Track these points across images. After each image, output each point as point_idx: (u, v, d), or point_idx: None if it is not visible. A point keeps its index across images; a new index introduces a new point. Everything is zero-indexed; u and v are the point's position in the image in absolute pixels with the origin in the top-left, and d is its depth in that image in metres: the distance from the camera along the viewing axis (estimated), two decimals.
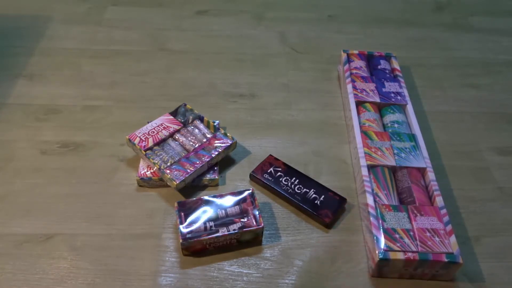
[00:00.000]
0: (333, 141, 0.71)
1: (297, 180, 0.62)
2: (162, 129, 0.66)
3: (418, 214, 0.55)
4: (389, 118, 0.69)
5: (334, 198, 0.60)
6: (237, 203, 0.58)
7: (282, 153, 0.68)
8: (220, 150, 0.64)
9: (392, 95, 0.72)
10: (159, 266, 0.54)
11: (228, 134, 0.66)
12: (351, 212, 0.61)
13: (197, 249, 0.55)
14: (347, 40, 0.91)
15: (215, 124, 0.68)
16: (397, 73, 0.77)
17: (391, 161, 0.61)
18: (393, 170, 0.62)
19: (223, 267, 0.55)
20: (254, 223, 0.56)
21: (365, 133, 0.65)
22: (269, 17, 0.96)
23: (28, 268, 0.54)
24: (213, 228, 0.55)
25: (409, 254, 0.51)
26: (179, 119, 0.68)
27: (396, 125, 0.68)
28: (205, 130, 0.67)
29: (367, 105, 0.71)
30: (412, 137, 0.65)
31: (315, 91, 0.80)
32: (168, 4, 0.98)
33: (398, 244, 0.52)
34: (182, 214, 0.56)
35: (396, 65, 0.78)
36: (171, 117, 0.68)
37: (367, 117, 0.69)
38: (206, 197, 0.58)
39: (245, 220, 0.56)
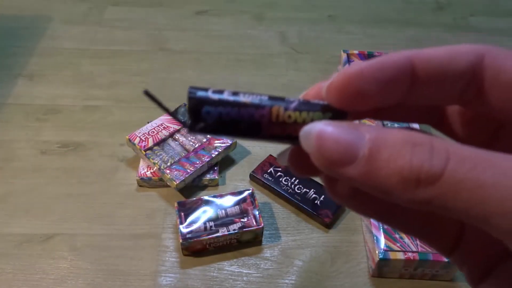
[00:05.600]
0: None
1: (297, 180, 0.62)
2: (162, 129, 0.66)
3: None
4: None
5: None
6: (237, 203, 0.58)
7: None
8: (220, 150, 0.64)
9: None
10: (159, 266, 0.54)
11: None
12: (351, 212, 0.61)
13: (197, 249, 0.55)
14: (347, 40, 0.91)
15: None
16: None
17: None
18: None
19: (223, 267, 0.55)
20: (254, 223, 0.56)
21: None
22: (269, 17, 0.96)
23: (28, 268, 0.54)
24: (213, 228, 0.55)
25: (409, 254, 0.51)
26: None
27: (395, 125, 0.68)
28: None
29: None
30: None
31: None
32: (168, 4, 0.98)
33: (398, 244, 0.52)
34: (182, 214, 0.56)
35: None
36: (171, 117, 0.68)
37: None
38: (206, 197, 0.58)
39: (245, 220, 0.56)
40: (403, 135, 0.14)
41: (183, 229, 0.55)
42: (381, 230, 0.53)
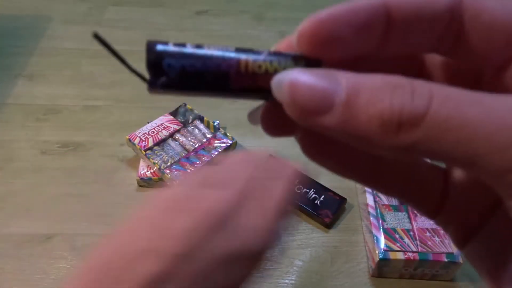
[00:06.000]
0: None
1: (297, 180, 0.62)
2: (162, 129, 0.66)
3: (418, 214, 0.55)
4: None
5: (334, 198, 0.60)
6: None
7: (282, 153, 0.68)
8: (220, 150, 0.64)
9: None
10: None
11: (228, 134, 0.66)
12: (351, 212, 0.61)
13: None
14: None
15: (215, 124, 0.68)
16: None
17: None
18: None
19: None
20: None
21: None
22: (269, 17, 0.96)
23: (28, 268, 0.54)
24: None
25: (409, 254, 0.51)
26: (179, 119, 0.68)
27: None
28: (205, 130, 0.67)
29: None
30: None
31: None
32: (168, 4, 0.98)
33: (398, 244, 0.52)
34: None
35: None
36: (171, 117, 0.68)
37: None
38: None
39: None
40: (382, 78, 0.14)
41: None
42: (381, 230, 0.53)
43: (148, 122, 0.68)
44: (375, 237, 0.53)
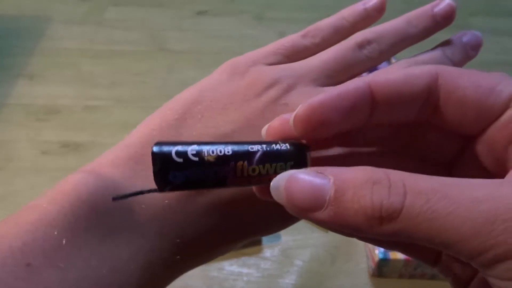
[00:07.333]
0: None
1: None
2: None
3: None
4: None
5: None
6: None
7: None
8: None
9: None
10: None
11: None
12: None
13: None
14: None
15: None
16: None
17: None
18: None
19: (223, 267, 0.55)
20: None
21: None
22: (269, 17, 0.96)
23: None
24: None
25: None
26: None
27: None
28: None
29: None
30: None
31: None
32: (168, 4, 0.98)
33: None
34: None
35: None
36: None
37: None
38: None
39: None
40: (363, 174, 0.16)
41: None
42: None
43: None
44: None
